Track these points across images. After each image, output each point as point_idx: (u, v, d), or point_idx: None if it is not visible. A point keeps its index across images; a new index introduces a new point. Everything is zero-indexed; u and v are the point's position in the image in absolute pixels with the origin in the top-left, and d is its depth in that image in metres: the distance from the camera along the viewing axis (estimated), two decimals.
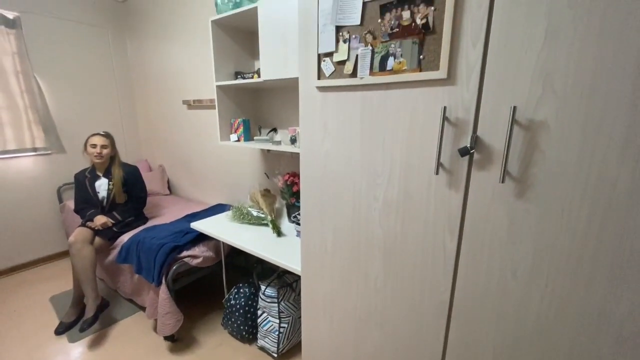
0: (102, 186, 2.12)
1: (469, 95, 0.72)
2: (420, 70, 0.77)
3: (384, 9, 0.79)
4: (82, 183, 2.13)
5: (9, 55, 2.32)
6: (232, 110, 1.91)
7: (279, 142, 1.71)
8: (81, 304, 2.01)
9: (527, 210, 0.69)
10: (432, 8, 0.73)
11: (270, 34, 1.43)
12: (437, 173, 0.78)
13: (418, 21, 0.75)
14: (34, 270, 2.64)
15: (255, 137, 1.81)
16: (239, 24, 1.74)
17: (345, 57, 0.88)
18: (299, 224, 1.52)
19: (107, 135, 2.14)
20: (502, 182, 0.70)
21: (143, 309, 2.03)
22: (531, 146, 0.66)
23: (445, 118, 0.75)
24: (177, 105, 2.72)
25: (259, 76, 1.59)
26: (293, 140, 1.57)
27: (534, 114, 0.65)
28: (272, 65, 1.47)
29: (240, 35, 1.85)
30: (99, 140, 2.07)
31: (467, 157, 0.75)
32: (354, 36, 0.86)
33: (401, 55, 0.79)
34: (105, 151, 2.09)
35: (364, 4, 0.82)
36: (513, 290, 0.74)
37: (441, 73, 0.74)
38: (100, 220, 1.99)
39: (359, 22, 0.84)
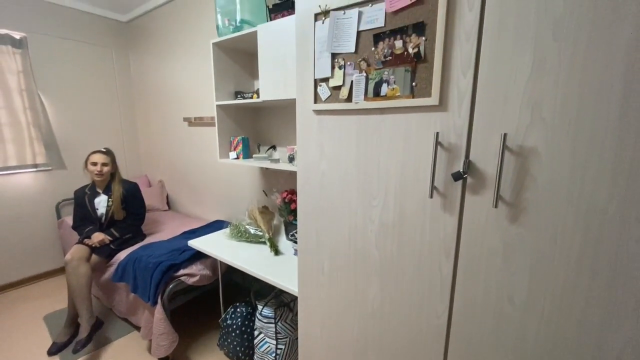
0: (101, 203, 2.12)
1: (461, 121, 0.74)
2: (413, 97, 0.79)
3: (377, 38, 0.82)
4: (82, 200, 2.13)
5: (14, 74, 2.37)
6: (232, 128, 1.94)
7: (277, 160, 1.72)
8: (75, 324, 1.97)
9: (521, 236, 0.69)
10: (424, 38, 0.75)
11: (269, 57, 1.48)
12: (431, 196, 0.79)
13: (410, 50, 0.78)
14: (29, 287, 2.61)
15: (254, 155, 1.83)
16: (239, 46, 1.80)
17: (341, 83, 0.90)
18: (296, 242, 1.52)
19: (107, 153, 2.16)
20: (496, 206, 0.70)
21: (138, 328, 1.99)
22: (523, 172, 0.67)
23: (438, 143, 0.76)
24: (177, 122, 2.76)
25: (258, 96, 1.63)
26: (291, 159, 1.59)
27: (524, 140, 0.66)
28: (271, 86, 1.51)
29: (240, 56, 1.90)
30: (99, 158, 2.09)
31: (460, 182, 0.76)
32: (348, 63, 0.89)
33: (394, 82, 0.81)
34: (105, 169, 2.10)
35: (359, 33, 0.85)
36: (510, 316, 0.73)
37: (433, 100, 0.76)
38: (97, 237, 1.99)
39: (353, 50, 0.87)
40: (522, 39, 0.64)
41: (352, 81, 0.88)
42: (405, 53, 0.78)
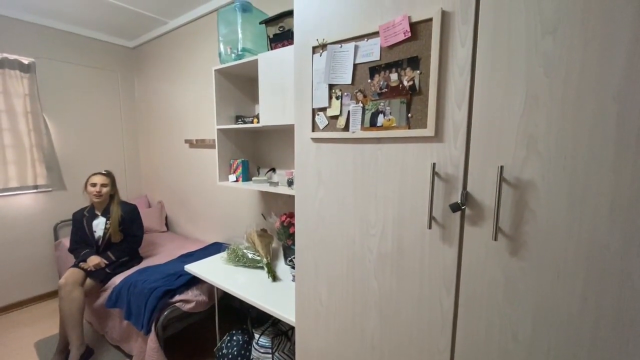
0: (99, 225, 2.11)
1: (457, 153, 0.74)
2: (409, 128, 0.80)
3: (373, 71, 0.84)
4: (80, 222, 2.12)
5: (20, 97, 2.43)
6: (232, 151, 1.95)
7: (276, 184, 1.72)
8: (66, 351, 1.90)
9: (523, 270, 0.68)
10: (418, 72, 0.77)
11: (269, 84, 1.51)
12: (430, 227, 0.78)
13: (405, 83, 0.79)
14: (23, 310, 2.54)
15: (253, 178, 1.83)
16: (241, 72, 1.84)
17: (338, 113, 0.92)
18: (294, 268, 1.49)
19: (108, 174, 2.17)
20: (495, 239, 0.69)
21: (130, 357, 1.92)
22: (521, 204, 0.67)
23: (435, 173, 0.76)
24: (179, 144, 2.79)
25: (258, 121, 1.65)
26: (290, 183, 1.59)
27: (521, 173, 0.66)
28: (270, 112, 1.53)
29: (241, 81, 1.95)
30: (99, 179, 2.10)
31: (459, 213, 0.75)
32: (345, 94, 0.90)
33: (390, 113, 0.82)
34: (104, 190, 2.10)
35: (355, 65, 0.88)
36: (515, 353, 0.70)
37: (429, 131, 0.76)
38: (93, 260, 1.96)
39: (350, 82, 0.89)
40: (515, 74, 0.65)
41: (349, 111, 0.90)
42: (401, 85, 0.80)
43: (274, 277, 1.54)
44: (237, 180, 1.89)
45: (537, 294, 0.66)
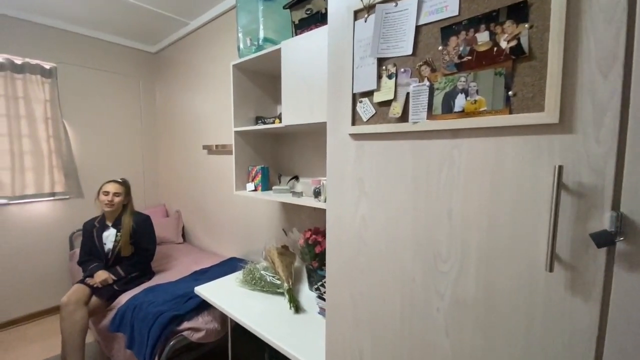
0: (109, 237, 1.95)
1: (602, 150, 0.45)
2: (510, 112, 0.52)
3: (447, 33, 0.58)
4: (90, 233, 1.98)
5: (41, 103, 2.37)
6: (251, 156, 1.74)
7: (300, 194, 1.47)
8: None
9: None
10: (527, 25, 0.50)
11: (293, 76, 1.28)
12: (550, 269, 0.49)
13: (503, 44, 0.52)
14: (35, 323, 2.43)
15: (274, 187, 1.60)
16: (261, 67, 1.64)
17: (391, 97, 0.65)
18: (322, 299, 1.21)
19: (122, 183, 2.03)
20: None
21: None
22: None
23: (560, 183, 0.47)
24: (197, 150, 2.63)
25: (280, 121, 1.43)
26: (317, 193, 1.34)
27: None
28: (295, 110, 1.30)
29: (262, 79, 1.75)
30: (112, 188, 1.95)
31: (606, 248, 0.45)
32: (402, 70, 0.64)
33: (477, 91, 0.55)
34: (117, 199, 1.95)
35: (418, 28, 0.61)
36: None
37: (548, 116, 0.48)
38: (100, 276, 1.79)
39: (410, 52, 0.62)
40: None
41: (407, 93, 0.63)
42: (496, 49, 0.53)
43: (297, 308, 1.27)
44: (255, 190, 1.66)
45: None
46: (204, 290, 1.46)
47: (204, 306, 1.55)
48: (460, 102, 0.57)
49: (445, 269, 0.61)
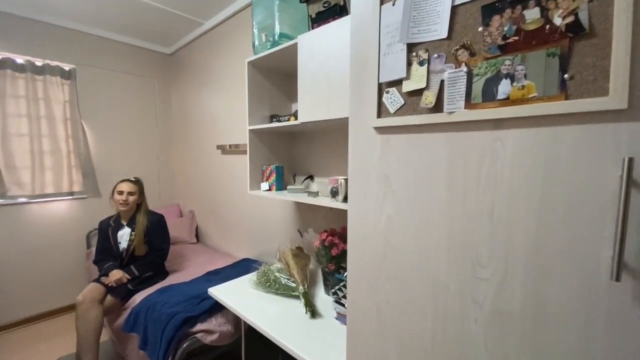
0: (124, 236, 1.96)
1: None
2: (566, 98, 0.45)
3: (489, 11, 0.52)
4: (105, 232, 1.99)
5: (60, 103, 2.41)
6: (265, 155, 1.70)
7: (316, 193, 1.43)
8: None
9: None
10: None
11: (310, 71, 1.24)
12: (616, 278, 0.42)
13: (558, 21, 0.46)
14: (52, 321, 2.47)
15: (288, 187, 1.56)
16: (276, 65, 1.60)
17: (423, 85, 0.60)
18: (340, 304, 1.16)
19: (136, 182, 2.03)
20: None
21: None
22: None
23: (630, 179, 0.41)
24: (211, 150, 2.63)
25: (295, 118, 1.38)
26: (334, 193, 1.28)
27: None
28: (311, 106, 1.25)
29: (277, 77, 1.71)
30: (126, 187, 1.96)
31: None
32: (435, 55, 0.58)
33: (525, 75, 0.49)
34: (131, 198, 1.95)
35: (454, 8, 0.56)
36: None
37: (614, 100, 0.41)
38: (115, 275, 1.79)
39: (445, 35, 0.57)
40: None
41: (442, 80, 0.57)
42: (548, 27, 0.47)
43: (313, 313, 1.22)
44: (270, 189, 1.62)
45: None
46: (218, 292, 1.43)
47: (217, 308, 1.52)
48: (504, 88, 0.50)
49: (484, 275, 0.55)
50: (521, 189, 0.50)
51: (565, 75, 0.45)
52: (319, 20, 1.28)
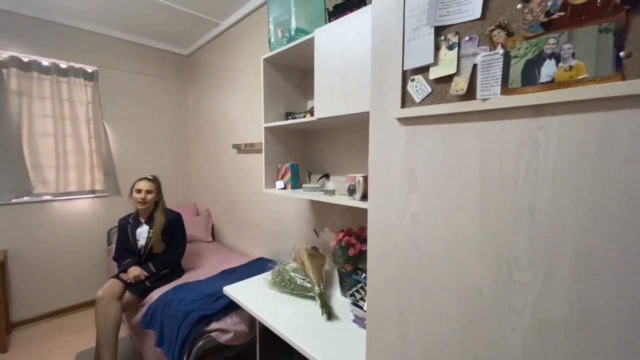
0: (142, 234, 1.99)
1: None
2: (623, 79, 0.40)
3: None
4: (124, 229, 2.02)
5: (84, 104, 2.49)
6: (281, 153, 1.68)
7: (332, 192, 1.39)
8: None
9: None
10: None
11: (327, 66, 1.21)
12: None
13: None
14: (73, 316, 2.54)
15: (304, 185, 1.53)
16: (292, 61, 1.58)
17: (453, 70, 0.55)
18: (358, 307, 1.12)
19: (153, 180, 2.06)
20: None
21: None
22: None
23: None
24: (227, 150, 2.64)
25: (311, 115, 1.36)
26: (351, 191, 1.24)
27: None
28: (328, 101, 1.22)
29: (292, 74, 1.69)
30: (144, 185, 1.99)
31: None
32: (467, 38, 0.54)
33: (572, 55, 0.43)
34: (149, 196, 1.98)
35: None
36: None
37: None
38: (133, 272, 1.81)
39: (479, 15, 0.52)
40: None
41: (474, 65, 0.53)
42: (599, 0, 0.41)
43: (329, 315, 1.18)
44: (285, 187, 1.60)
45: None
46: (233, 291, 1.41)
47: (232, 307, 1.51)
48: (548, 70, 0.45)
49: (524, 279, 0.49)
50: (568, 184, 0.45)
51: (621, 53, 0.40)
52: (336, 13, 1.24)
